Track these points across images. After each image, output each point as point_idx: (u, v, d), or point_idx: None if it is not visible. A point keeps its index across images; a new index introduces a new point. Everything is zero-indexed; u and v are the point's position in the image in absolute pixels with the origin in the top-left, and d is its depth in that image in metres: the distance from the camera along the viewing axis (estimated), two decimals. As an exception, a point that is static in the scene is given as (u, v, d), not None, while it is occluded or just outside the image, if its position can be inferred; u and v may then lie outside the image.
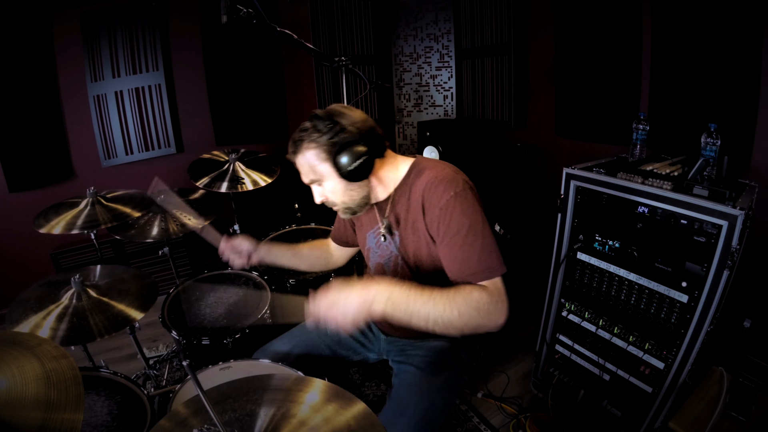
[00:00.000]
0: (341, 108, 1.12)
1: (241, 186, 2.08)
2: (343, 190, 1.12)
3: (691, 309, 1.31)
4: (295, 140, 1.11)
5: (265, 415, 0.79)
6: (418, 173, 1.14)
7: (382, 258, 1.27)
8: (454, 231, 1.02)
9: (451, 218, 1.03)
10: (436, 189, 1.06)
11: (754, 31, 1.66)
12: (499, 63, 2.90)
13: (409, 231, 1.15)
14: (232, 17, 1.27)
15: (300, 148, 1.10)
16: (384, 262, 1.26)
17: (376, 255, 1.29)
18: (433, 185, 1.07)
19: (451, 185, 1.05)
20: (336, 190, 1.13)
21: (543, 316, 1.80)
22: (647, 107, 2.10)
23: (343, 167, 1.05)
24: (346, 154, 1.04)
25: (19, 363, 0.76)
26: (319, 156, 1.08)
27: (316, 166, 1.10)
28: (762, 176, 1.68)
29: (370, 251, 1.31)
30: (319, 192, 1.16)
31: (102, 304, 1.31)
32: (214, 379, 1.15)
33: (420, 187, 1.10)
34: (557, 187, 1.63)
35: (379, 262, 1.28)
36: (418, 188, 1.11)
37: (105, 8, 2.48)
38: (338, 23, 3.18)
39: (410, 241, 1.16)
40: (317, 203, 1.19)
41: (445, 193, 1.04)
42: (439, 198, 1.05)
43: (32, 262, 2.54)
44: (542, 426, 1.70)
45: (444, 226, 1.04)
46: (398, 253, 1.20)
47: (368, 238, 1.30)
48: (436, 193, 1.06)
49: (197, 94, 2.85)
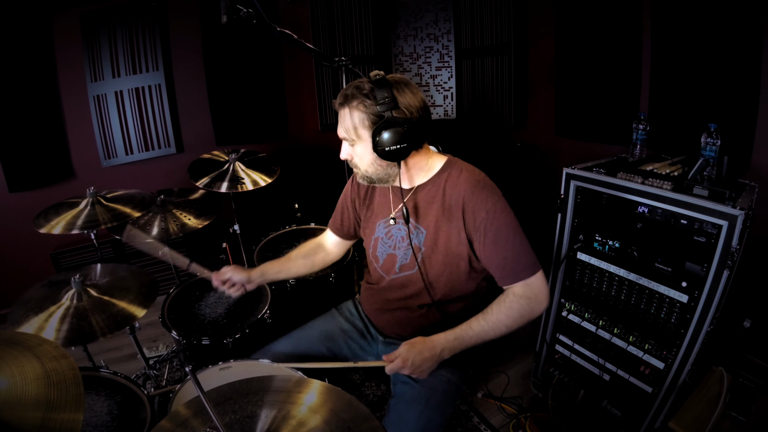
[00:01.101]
0: (405, 83, 1.09)
1: (241, 186, 2.08)
2: (371, 161, 1.13)
3: (691, 309, 1.31)
4: (348, 94, 1.09)
5: (265, 417, 0.79)
6: (457, 172, 1.17)
7: (396, 249, 1.25)
8: (504, 233, 1.10)
9: (500, 221, 1.10)
10: (480, 192, 1.12)
11: (754, 31, 1.66)
12: (499, 63, 2.89)
13: (444, 227, 1.16)
14: (232, 17, 1.27)
15: (349, 103, 1.08)
16: (398, 252, 1.25)
17: (386, 246, 1.27)
18: (477, 188, 1.12)
19: (495, 191, 1.14)
20: (364, 158, 1.13)
21: (543, 316, 1.80)
22: (647, 107, 2.10)
23: (380, 144, 1.05)
24: (388, 133, 1.04)
25: (19, 363, 0.76)
26: (363, 121, 1.08)
27: (357, 129, 1.09)
28: (762, 176, 1.68)
29: (377, 241, 1.29)
30: (348, 150, 1.16)
31: (103, 303, 1.31)
32: (214, 379, 1.15)
33: (461, 187, 1.14)
34: (557, 187, 1.63)
35: (392, 253, 1.26)
36: (459, 188, 1.14)
37: (105, 8, 2.48)
38: (338, 23, 3.18)
39: (443, 236, 1.17)
40: (341, 158, 1.18)
41: (490, 198, 1.11)
42: (484, 201, 1.10)
43: (32, 262, 2.54)
44: (542, 426, 1.70)
45: (493, 229, 1.10)
46: (423, 246, 1.20)
47: (378, 227, 1.29)
48: (481, 196, 1.11)
49: (197, 94, 2.85)
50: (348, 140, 1.13)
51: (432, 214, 1.18)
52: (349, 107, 1.09)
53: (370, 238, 1.32)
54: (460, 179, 1.15)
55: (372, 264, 1.36)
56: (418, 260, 1.21)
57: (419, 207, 1.20)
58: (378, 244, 1.30)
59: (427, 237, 1.19)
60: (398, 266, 1.26)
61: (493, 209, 1.10)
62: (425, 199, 1.19)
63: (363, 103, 1.06)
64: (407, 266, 1.24)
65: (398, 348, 1.08)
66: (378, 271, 1.33)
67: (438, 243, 1.18)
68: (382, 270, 1.31)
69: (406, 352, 1.06)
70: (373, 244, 1.32)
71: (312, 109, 3.24)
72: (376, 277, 1.34)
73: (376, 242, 1.30)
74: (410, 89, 1.09)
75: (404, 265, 1.24)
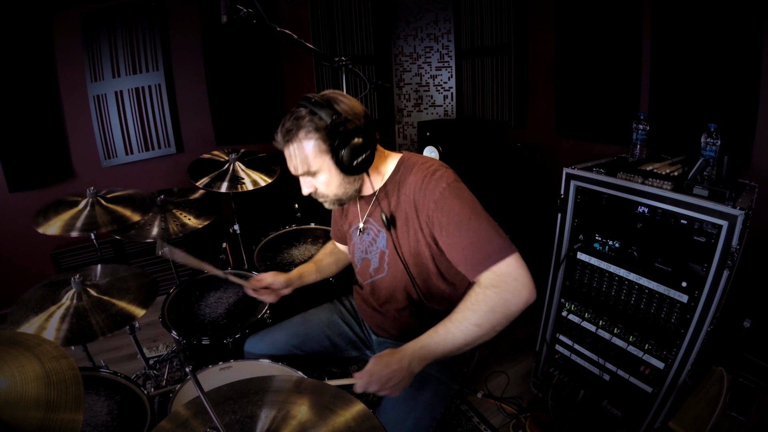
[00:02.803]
0: (338, 94, 1.05)
1: (241, 186, 2.08)
2: (339, 183, 1.08)
3: (691, 309, 1.31)
4: (289, 128, 1.02)
5: (265, 417, 0.79)
6: (408, 169, 1.11)
7: (367, 253, 1.25)
8: (456, 221, 0.99)
9: (450, 210, 1.00)
10: (427, 185, 1.04)
11: (754, 31, 1.66)
12: (499, 63, 2.90)
13: (403, 229, 1.12)
14: (232, 17, 1.27)
15: (294, 137, 1.01)
16: (370, 257, 1.25)
17: (360, 251, 1.27)
18: (423, 182, 1.05)
19: (443, 179, 1.04)
20: (331, 183, 1.08)
21: (543, 316, 1.80)
22: (647, 107, 2.10)
23: (346, 161, 1.00)
24: (350, 148, 0.99)
25: (19, 363, 0.76)
26: (318, 147, 1.01)
27: (313, 158, 1.03)
28: (762, 176, 1.68)
29: (354, 247, 1.30)
30: (309, 183, 1.10)
31: (103, 302, 1.31)
32: (214, 379, 1.15)
33: (411, 185, 1.08)
34: (557, 187, 1.63)
35: (365, 257, 1.26)
36: (410, 186, 1.08)
37: (105, 8, 2.48)
38: (338, 23, 3.18)
39: (404, 238, 1.13)
40: (304, 194, 1.13)
41: (437, 187, 1.02)
42: (432, 193, 1.02)
43: (32, 262, 2.54)
44: (542, 426, 1.70)
45: (445, 219, 1.00)
46: (386, 250, 1.18)
47: (354, 234, 1.29)
48: (428, 189, 1.03)
49: (197, 94, 2.85)
50: (306, 175, 1.07)
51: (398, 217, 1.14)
52: (295, 142, 1.02)
53: (350, 245, 1.34)
54: (410, 176, 1.09)
55: (355, 269, 1.37)
56: (385, 263, 1.19)
57: (381, 211, 1.15)
58: (355, 250, 1.30)
59: (388, 240, 1.16)
60: (372, 269, 1.25)
61: (440, 198, 1.01)
62: (384, 202, 1.15)
63: (309, 131, 1.00)
64: (378, 270, 1.23)
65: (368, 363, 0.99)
66: (358, 276, 1.35)
67: (400, 245, 1.14)
68: (360, 275, 1.33)
69: (372, 365, 0.94)
70: (351, 250, 1.33)
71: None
72: (359, 281, 1.36)
73: (353, 248, 1.31)
74: (344, 97, 1.05)
75: (376, 268, 1.24)
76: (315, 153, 1.02)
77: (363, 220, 1.22)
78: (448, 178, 1.04)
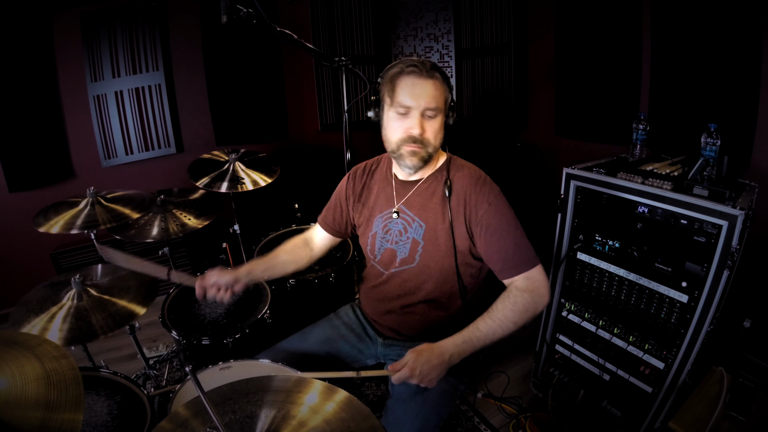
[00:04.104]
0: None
1: (241, 186, 2.09)
2: (441, 136, 1.17)
3: (691, 309, 1.31)
4: (436, 66, 1.13)
5: (265, 417, 0.79)
6: (458, 168, 1.21)
7: (394, 243, 1.25)
8: (504, 226, 1.13)
9: (502, 214, 1.14)
10: (482, 188, 1.16)
11: (754, 31, 1.66)
12: (499, 63, 2.89)
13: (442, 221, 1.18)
14: (232, 17, 1.27)
15: (441, 75, 1.12)
16: (397, 247, 1.25)
17: (384, 241, 1.27)
18: (478, 184, 1.17)
19: (494, 185, 1.19)
20: (439, 132, 1.16)
21: (543, 316, 1.80)
22: (647, 107, 2.10)
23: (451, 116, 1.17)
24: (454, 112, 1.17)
25: (19, 363, 0.76)
26: (448, 97, 1.15)
27: (446, 99, 1.15)
28: (762, 176, 1.68)
29: (375, 237, 1.29)
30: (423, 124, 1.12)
31: (103, 302, 1.31)
32: (214, 379, 1.15)
33: (463, 182, 1.17)
34: (557, 187, 1.63)
35: (390, 248, 1.26)
36: (461, 183, 1.17)
37: (105, 8, 2.48)
38: (338, 23, 3.18)
39: (441, 231, 1.18)
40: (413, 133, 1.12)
41: (491, 191, 1.16)
42: (486, 196, 1.15)
43: (32, 263, 2.54)
44: (542, 426, 1.70)
45: (495, 221, 1.13)
46: (422, 240, 1.20)
47: (376, 222, 1.29)
48: (482, 191, 1.15)
49: (197, 94, 2.85)
50: (433, 111, 1.12)
51: (432, 209, 1.19)
52: (440, 79, 1.12)
53: (367, 234, 1.32)
54: (462, 175, 1.19)
55: (370, 261, 1.35)
56: (417, 254, 1.21)
57: (420, 200, 1.21)
58: (375, 240, 1.29)
59: (427, 231, 1.20)
60: (398, 260, 1.25)
61: (495, 203, 1.14)
62: (427, 192, 1.21)
63: (448, 81, 1.14)
64: (406, 260, 1.24)
65: (404, 356, 1.04)
66: (376, 267, 1.32)
67: (437, 237, 1.19)
68: (380, 265, 1.31)
69: (413, 361, 1.01)
70: (370, 241, 1.31)
71: (312, 109, 3.24)
72: (375, 273, 1.33)
73: (373, 238, 1.30)
74: None
75: (404, 259, 1.24)
76: (446, 99, 1.15)
77: (398, 206, 1.25)
78: (497, 188, 1.19)
